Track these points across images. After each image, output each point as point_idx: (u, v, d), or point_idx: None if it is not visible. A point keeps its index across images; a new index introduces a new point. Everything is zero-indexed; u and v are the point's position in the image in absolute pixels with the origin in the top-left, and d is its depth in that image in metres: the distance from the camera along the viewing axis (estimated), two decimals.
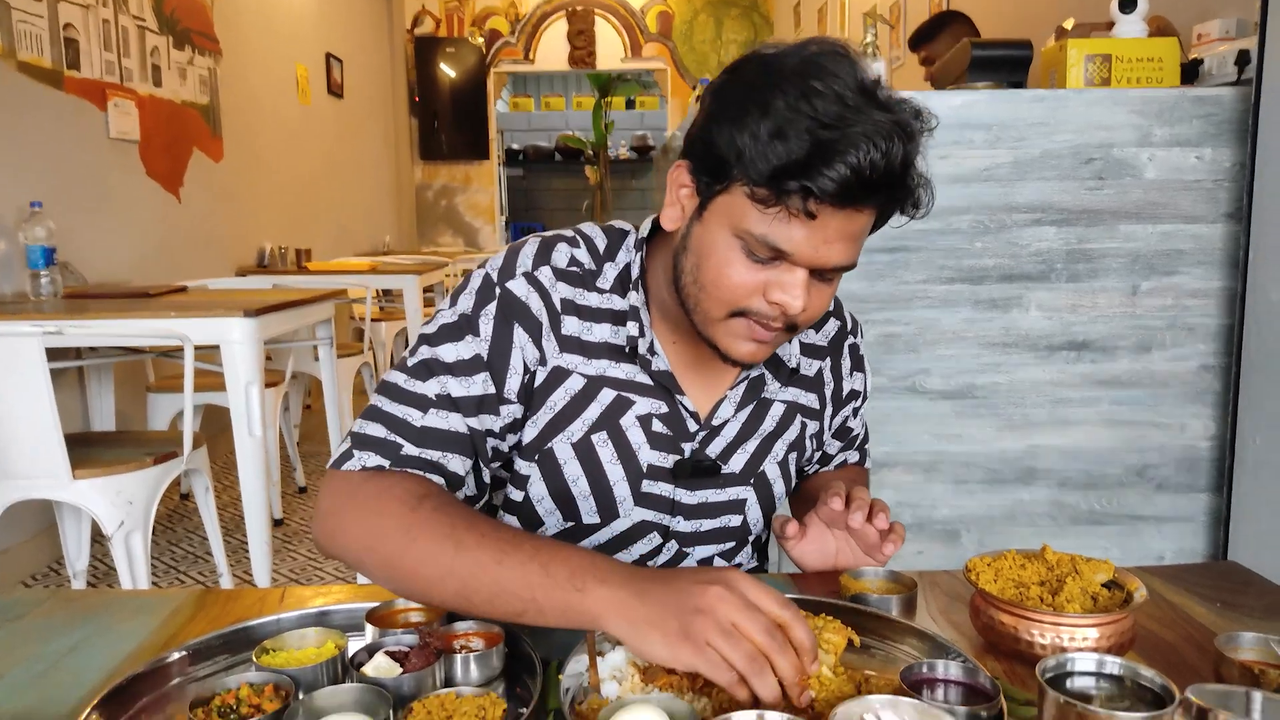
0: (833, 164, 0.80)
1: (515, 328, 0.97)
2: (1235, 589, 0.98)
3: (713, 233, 0.90)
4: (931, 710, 0.65)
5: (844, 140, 0.80)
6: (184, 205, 4.26)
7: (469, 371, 0.95)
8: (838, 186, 0.81)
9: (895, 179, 0.84)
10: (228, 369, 2.48)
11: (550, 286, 0.99)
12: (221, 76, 4.70)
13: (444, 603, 0.82)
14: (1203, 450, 2.17)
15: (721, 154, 0.86)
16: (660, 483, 1.04)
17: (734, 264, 0.89)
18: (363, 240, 7.00)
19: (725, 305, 0.91)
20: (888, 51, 5.45)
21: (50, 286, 2.79)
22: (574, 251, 1.02)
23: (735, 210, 0.87)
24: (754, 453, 1.08)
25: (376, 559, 0.85)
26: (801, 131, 0.81)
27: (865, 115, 0.81)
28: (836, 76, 0.83)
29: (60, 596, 0.98)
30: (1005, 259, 2.11)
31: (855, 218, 0.85)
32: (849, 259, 0.89)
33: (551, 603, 0.76)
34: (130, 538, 2.26)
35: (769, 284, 0.88)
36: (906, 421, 2.17)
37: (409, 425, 0.92)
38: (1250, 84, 1.97)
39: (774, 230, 0.85)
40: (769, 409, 1.09)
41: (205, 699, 0.70)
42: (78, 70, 3.43)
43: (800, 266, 0.87)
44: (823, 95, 0.82)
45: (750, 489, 1.09)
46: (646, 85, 10.28)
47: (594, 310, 1.01)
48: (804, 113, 0.81)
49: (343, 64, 6.71)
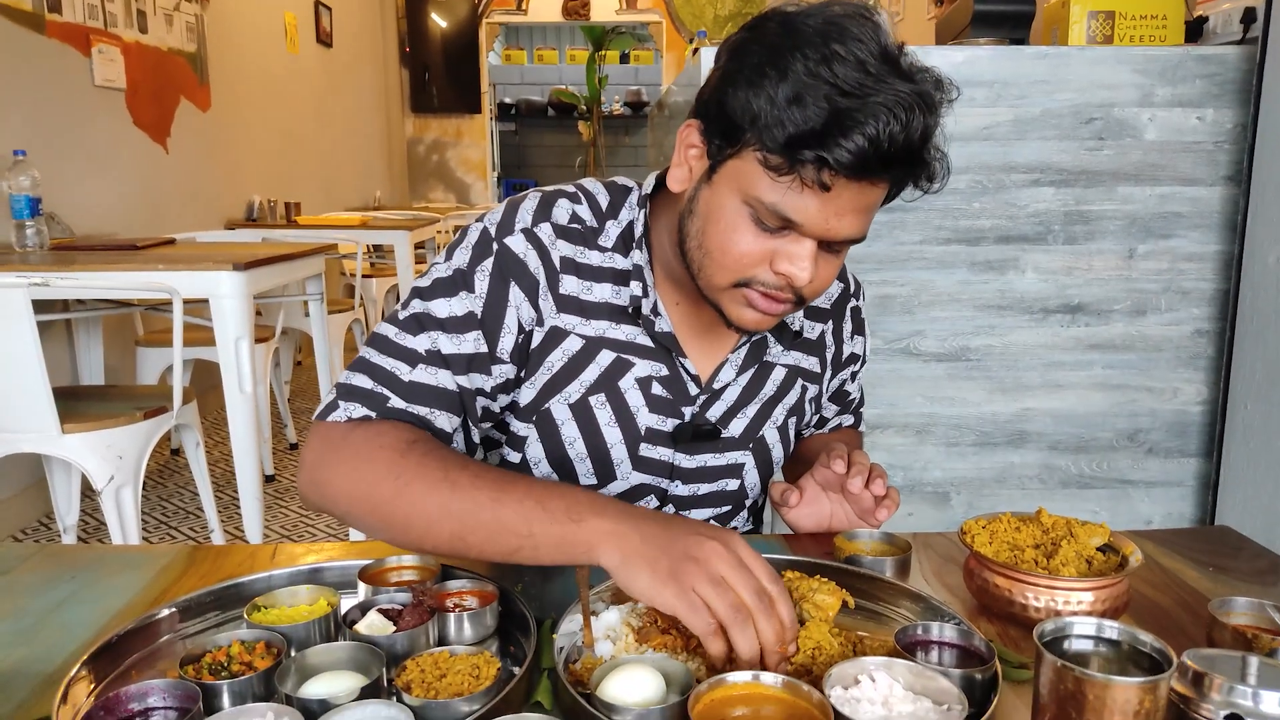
0: (850, 135, 0.78)
1: (511, 286, 0.95)
2: (1227, 554, 0.99)
3: (721, 197, 0.88)
4: (926, 672, 0.65)
5: (864, 110, 0.78)
6: (171, 156, 4.20)
7: (461, 329, 0.93)
8: (854, 159, 0.78)
9: (913, 152, 0.81)
10: (217, 323, 2.46)
11: (550, 244, 0.96)
12: (209, 23, 4.60)
13: (437, 547, 0.81)
14: (1194, 415, 2.18)
15: (735, 116, 0.84)
16: (659, 447, 1.03)
17: (741, 231, 0.87)
18: (353, 195, 6.92)
19: (730, 273, 0.89)
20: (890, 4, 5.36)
21: (36, 237, 2.75)
22: (575, 208, 0.99)
23: (746, 175, 0.85)
24: (754, 417, 1.07)
25: (366, 507, 0.84)
26: (820, 99, 0.78)
27: (887, 84, 0.78)
28: (859, 41, 0.80)
29: (48, 551, 0.98)
30: (1003, 220, 2.10)
31: (869, 190, 0.83)
32: (859, 232, 0.87)
33: (548, 536, 0.76)
34: (120, 493, 2.25)
35: (776, 254, 0.86)
36: (900, 384, 2.17)
37: (396, 379, 0.91)
38: (1255, 43, 1.94)
39: (785, 200, 0.83)
40: (770, 373, 1.08)
41: (196, 656, 0.69)
42: (59, 14, 3.35)
43: (809, 238, 0.85)
44: (844, 60, 0.79)
45: (749, 454, 1.08)
46: (641, 39, 10.13)
47: (595, 269, 0.98)
48: (824, 78, 0.79)
49: (331, 12, 6.58)
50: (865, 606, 0.84)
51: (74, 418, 2.20)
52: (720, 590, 0.69)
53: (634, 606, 0.79)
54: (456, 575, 0.83)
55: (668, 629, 0.75)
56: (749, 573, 0.71)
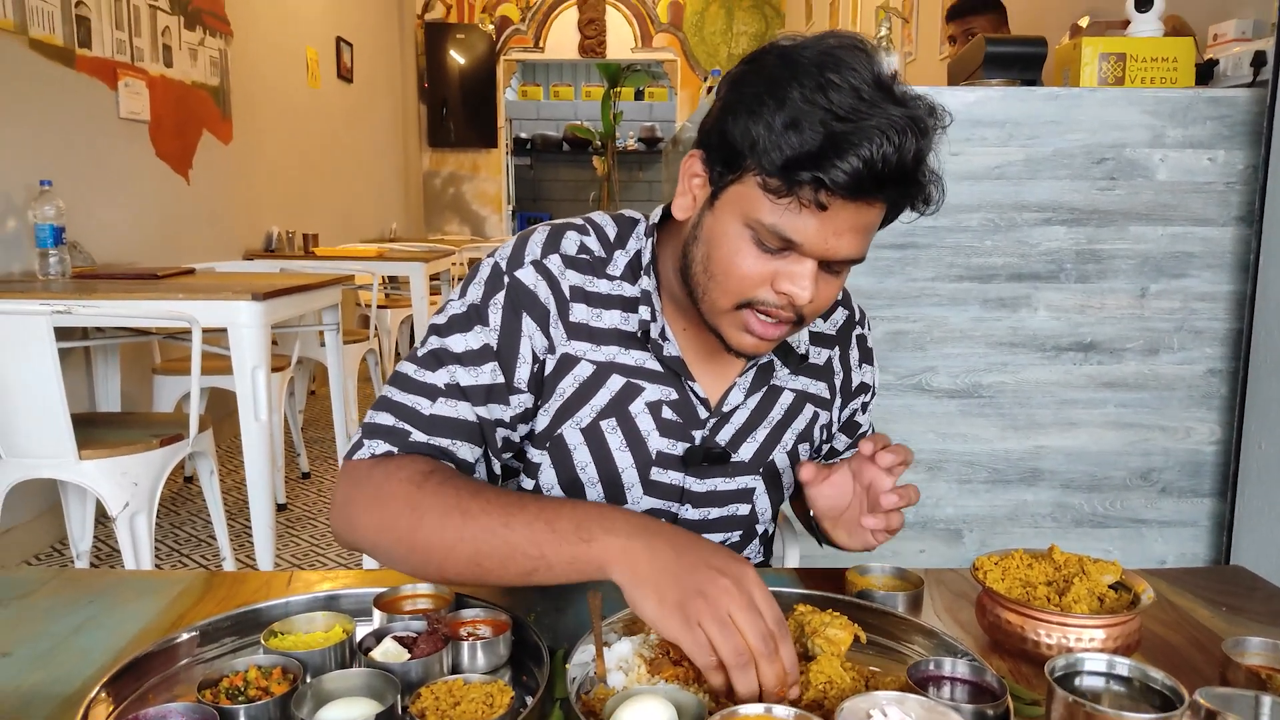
0: (845, 156, 0.81)
1: (524, 316, 0.97)
2: (1241, 593, 0.98)
3: (724, 222, 0.91)
4: (938, 708, 0.65)
5: (858, 133, 0.81)
6: (193, 187, 4.26)
7: (477, 361, 0.96)
8: (849, 179, 0.81)
9: (907, 173, 0.84)
10: (234, 352, 2.49)
11: (559, 274, 0.99)
12: (232, 58, 4.69)
13: (459, 574, 0.83)
14: (1208, 455, 2.17)
15: (735, 144, 0.87)
16: (670, 470, 1.04)
17: (743, 253, 0.89)
18: (370, 226, 7.00)
19: (733, 295, 0.91)
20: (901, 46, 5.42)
21: (59, 266, 2.79)
22: (584, 239, 1.02)
23: (747, 200, 0.88)
24: (763, 441, 1.08)
25: (390, 540, 0.86)
26: (816, 123, 0.82)
27: (880, 109, 0.82)
28: (853, 70, 0.83)
29: (66, 575, 0.99)
30: (1014, 258, 2.11)
31: (866, 211, 0.86)
32: (858, 252, 0.89)
33: (559, 556, 0.78)
34: (135, 519, 2.26)
35: (778, 274, 0.89)
36: (912, 419, 2.17)
37: (418, 413, 0.94)
38: (1266, 86, 1.96)
39: (784, 220, 0.86)
40: (778, 397, 1.09)
41: (213, 680, 0.70)
42: (89, 49, 3.43)
43: (809, 258, 0.88)
44: (838, 88, 0.82)
45: (759, 478, 1.09)
46: (656, 76, 10.25)
47: (604, 297, 1.01)
48: (819, 105, 0.82)
49: (353, 48, 6.70)
50: (877, 642, 0.84)
51: (91, 444, 2.22)
52: (726, 632, 0.69)
53: (646, 638, 0.79)
54: (470, 604, 0.84)
55: (680, 660, 0.75)
56: (757, 615, 0.71)
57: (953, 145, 2.06)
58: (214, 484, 2.63)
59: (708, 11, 8.54)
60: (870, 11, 6.05)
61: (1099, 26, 2.30)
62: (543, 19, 8.59)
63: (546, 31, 8.64)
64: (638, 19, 8.60)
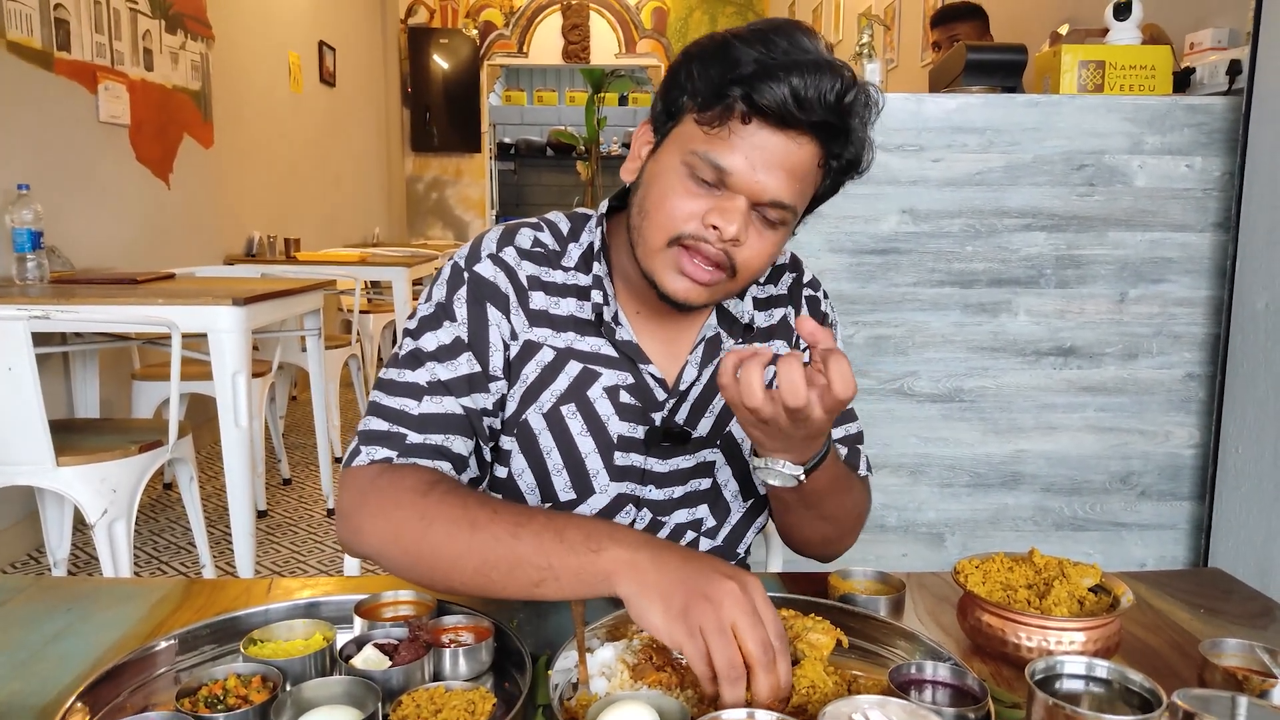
0: (774, 80, 0.86)
1: (488, 306, 1.01)
2: (1219, 596, 0.99)
3: (663, 162, 0.95)
4: (920, 711, 0.65)
5: (788, 65, 0.87)
6: (173, 191, 4.23)
7: (452, 355, 0.99)
8: (775, 101, 0.86)
9: (831, 108, 0.88)
10: (215, 358, 2.47)
11: (515, 265, 1.03)
12: (213, 62, 4.67)
13: (465, 584, 0.83)
14: (1186, 458, 2.19)
15: (678, 88, 0.93)
16: (632, 454, 1.05)
17: (676, 189, 0.93)
18: (352, 231, 6.97)
19: (665, 230, 0.94)
20: (883, 53, 5.46)
21: (37, 270, 2.76)
22: (537, 234, 1.06)
23: (684, 137, 0.93)
24: (720, 414, 1.09)
25: (397, 550, 0.86)
26: (750, 60, 0.88)
27: (812, 56, 0.88)
28: (795, 35, 0.90)
29: (43, 584, 0.97)
30: (995, 263, 2.12)
31: (792, 149, 0.89)
32: (786, 194, 0.91)
33: (567, 567, 0.77)
34: (113, 526, 2.24)
35: (709, 210, 0.92)
36: (894, 424, 2.18)
37: (407, 415, 0.96)
38: (1241, 94, 1.99)
39: (715, 148, 0.90)
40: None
41: (192, 689, 0.69)
42: (68, 52, 3.40)
43: (739, 194, 0.91)
44: (777, 44, 0.89)
45: (718, 450, 1.10)
46: (640, 82, 10.28)
47: (559, 286, 1.04)
48: (755, 49, 0.89)
49: (335, 52, 6.68)
50: (859, 645, 0.84)
51: (69, 450, 2.19)
52: (725, 641, 0.69)
53: (629, 643, 0.79)
54: (452, 610, 0.84)
55: (663, 666, 0.75)
56: (758, 622, 0.70)
57: (934, 151, 2.08)
58: (194, 490, 2.60)
59: (691, 18, 8.57)
60: (852, 19, 6.09)
61: (1079, 34, 2.32)
62: (526, 24, 8.59)
63: (530, 36, 8.64)
64: (621, 25, 8.61)
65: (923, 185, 2.09)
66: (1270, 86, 1.89)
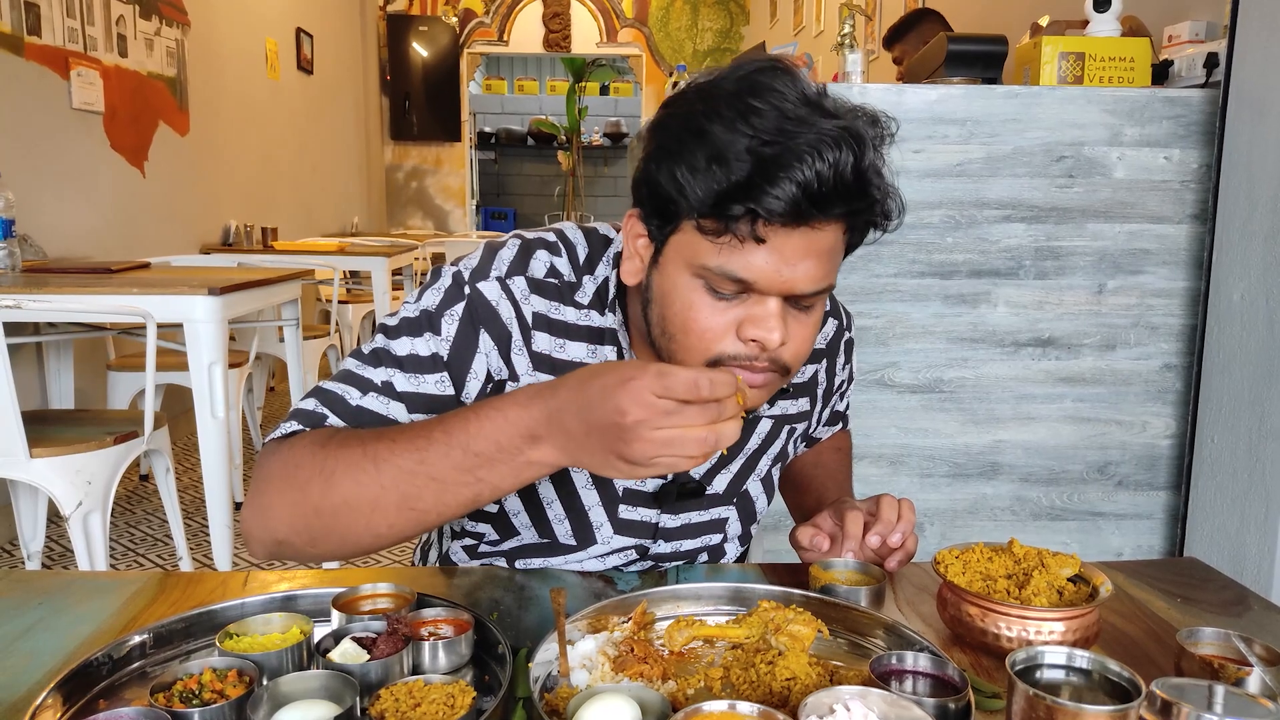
0: (777, 182, 0.75)
1: (481, 333, 0.91)
2: (1195, 585, 1.00)
3: (671, 277, 0.85)
4: (900, 701, 0.65)
5: (786, 154, 0.75)
6: (148, 179, 4.18)
7: (420, 369, 0.90)
8: (786, 205, 0.76)
9: (848, 189, 0.77)
10: (190, 348, 2.44)
11: (523, 299, 0.93)
12: (189, 48, 4.60)
13: (394, 527, 0.79)
14: (1163, 448, 2.21)
15: (665, 192, 0.81)
16: (639, 508, 1.02)
17: (698, 306, 0.83)
18: (330, 221, 6.91)
19: (700, 353, 0.84)
20: (864, 44, 5.46)
21: (8, 259, 2.72)
22: (554, 260, 0.95)
23: (689, 248, 0.82)
24: (738, 471, 1.06)
25: (307, 518, 0.81)
26: (742, 152, 0.76)
27: (809, 126, 0.76)
28: (775, 91, 0.78)
29: (15, 577, 0.96)
30: (975, 254, 2.13)
31: (815, 236, 0.79)
32: (820, 281, 0.82)
33: (493, 475, 0.76)
34: (88, 519, 2.21)
35: (741, 322, 0.82)
36: (874, 414, 2.18)
37: (344, 401, 0.89)
38: (1218, 87, 2.00)
39: (730, 260, 0.79)
40: (755, 426, 1.06)
41: (167, 684, 0.68)
42: (39, 37, 3.34)
43: (769, 295, 0.81)
44: (761, 112, 0.77)
45: (732, 508, 1.07)
46: (621, 71, 10.24)
47: (568, 326, 0.95)
48: (742, 133, 0.77)
49: (313, 39, 6.61)
50: (840, 636, 0.84)
51: (43, 442, 2.16)
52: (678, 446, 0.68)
53: (610, 635, 0.79)
54: (431, 603, 0.83)
55: (645, 658, 0.75)
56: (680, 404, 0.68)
57: (914, 143, 2.08)
58: (170, 482, 2.58)
59: (673, 7, 8.54)
60: (833, 9, 6.08)
61: (1059, 26, 2.33)
62: (507, 12, 8.54)
63: (511, 25, 8.59)
64: (603, 13, 8.57)
65: (904, 176, 2.10)
66: (1247, 80, 1.90)
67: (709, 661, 0.78)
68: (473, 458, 0.76)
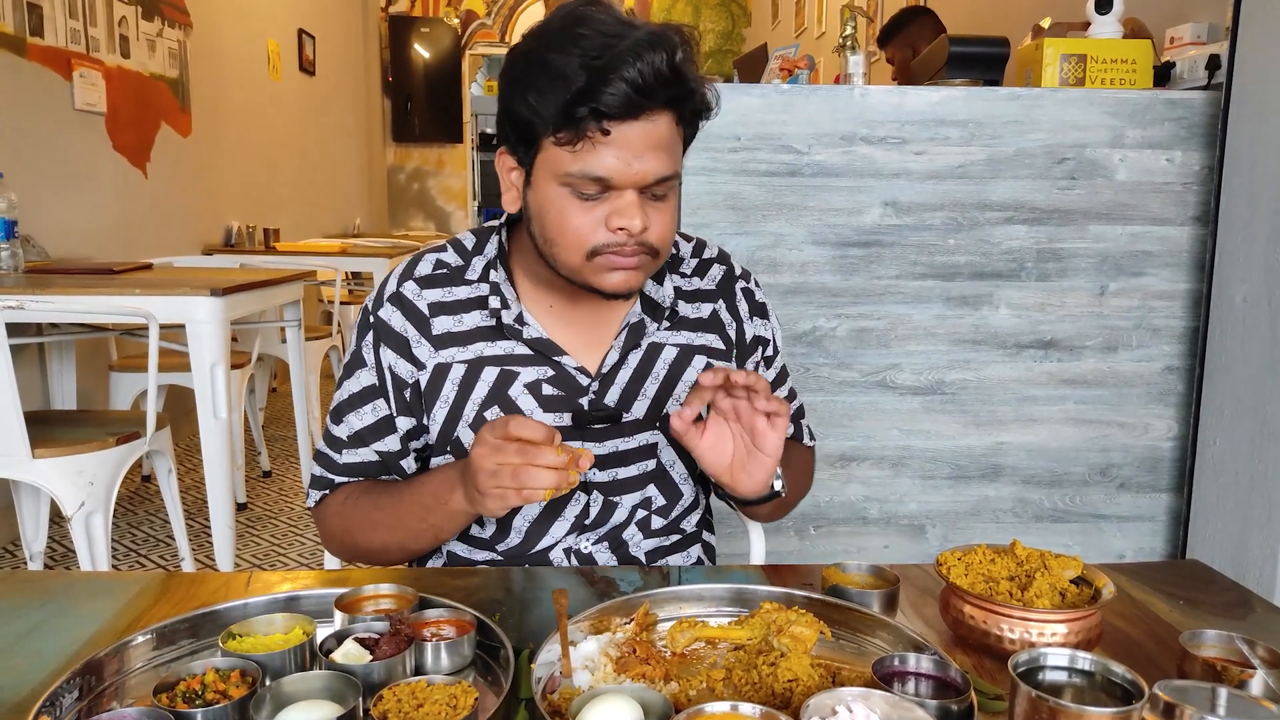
0: (610, 83, 0.90)
1: (383, 349, 1.08)
2: (1198, 587, 1.00)
3: (543, 191, 0.99)
4: (903, 703, 0.65)
5: (613, 61, 0.90)
6: (150, 180, 4.18)
7: (363, 401, 1.10)
8: (620, 99, 0.90)
9: (667, 79, 0.92)
10: (193, 349, 2.44)
11: (414, 297, 1.08)
12: (191, 49, 4.61)
13: (409, 552, 1.09)
14: (1165, 451, 2.21)
15: (522, 119, 0.96)
16: (566, 442, 1.02)
17: (569, 210, 0.97)
18: (332, 222, 6.91)
19: (578, 250, 0.98)
20: (865, 45, 5.46)
21: (11, 260, 2.73)
22: (440, 256, 1.11)
23: (552, 162, 0.96)
24: (655, 397, 1.12)
25: (355, 558, 1.14)
26: (577, 69, 0.91)
27: (626, 38, 0.91)
28: (594, 19, 0.93)
29: (18, 577, 0.96)
30: (977, 256, 2.13)
31: (651, 129, 0.94)
32: (667, 168, 0.96)
33: (439, 518, 1.01)
34: (90, 519, 2.22)
35: (608, 216, 0.96)
36: (876, 416, 2.18)
37: (335, 462, 1.13)
38: (1220, 89, 2.00)
39: (587, 163, 0.94)
40: (660, 352, 1.12)
41: (170, 684, 0.69)
42: (41, 38, 3.35)
43: (625, 189, 0.95)
44: (587, 36, 0.92)
45: (657, 433, 1.12)
46: None
47: (463, 302, 1.09)
48: (574, 54, 0.91)
49: (315, 40, 6.61)
50: (842, 638, 0.84)
51: (45, 443, 2.17)
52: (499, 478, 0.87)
53: (613, 636, 0.79)
54: (434, 604, 0.83)
55: (647, 659, 0.75)
56: (501, 445, 0.87)
57: (916, 144, 2.08)
58: (172, 483, 2.58)
59: (674, 9, 8.54)
60: (835, 10, 6.08)
61: (1060, 28, 2.33)
62: (509, 13, 8.54)
63: (513, 26, 8.59)
64: None
65: (905, 178, 2.10)
66: (1249, 81, 1.90)
67: (711, 663, 0.78)
68: (422, 509, 1.02)
